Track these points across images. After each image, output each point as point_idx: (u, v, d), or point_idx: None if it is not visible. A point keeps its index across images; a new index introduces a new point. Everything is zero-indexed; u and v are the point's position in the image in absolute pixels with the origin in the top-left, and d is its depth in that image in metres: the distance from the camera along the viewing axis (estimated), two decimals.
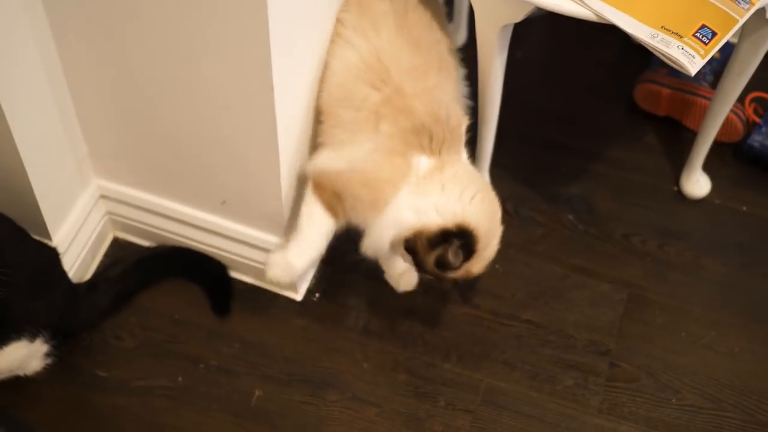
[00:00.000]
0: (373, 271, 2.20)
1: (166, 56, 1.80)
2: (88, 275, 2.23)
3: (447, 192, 1.86)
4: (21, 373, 2.02)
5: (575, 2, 1.77)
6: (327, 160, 1.92)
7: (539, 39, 2.68)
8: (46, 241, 2.08)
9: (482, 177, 2.17)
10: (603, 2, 1.75)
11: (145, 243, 2.29)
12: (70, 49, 1.88)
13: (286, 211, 2.04)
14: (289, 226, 2.06)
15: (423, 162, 1.87)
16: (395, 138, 1.86)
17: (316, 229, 1.95)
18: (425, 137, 1.86)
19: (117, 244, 2.31)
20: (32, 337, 1.95)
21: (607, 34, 1.91)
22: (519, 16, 1.89)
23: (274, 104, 1.78)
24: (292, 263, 1.97)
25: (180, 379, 2.09)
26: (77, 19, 1.81)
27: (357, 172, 1.87)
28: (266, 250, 2.10)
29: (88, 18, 1.80)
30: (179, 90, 1.87)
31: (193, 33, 1.73)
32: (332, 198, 1.90)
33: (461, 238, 1.84)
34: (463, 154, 1.96)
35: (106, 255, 2.29)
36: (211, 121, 1.90)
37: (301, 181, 2.02)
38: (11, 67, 1.78)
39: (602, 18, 1.75)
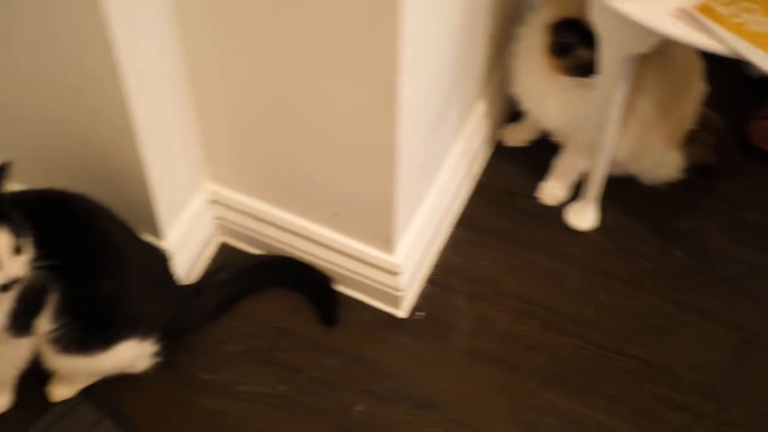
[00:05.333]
0: (477, 293, 2.18)
1: (292, 70, 1.81)
2: (193, 278, 2.24)
3: None
4: (130, 370, 2.04)
5: (704, 34, 1.73)
6: None
7: None
8: (157, 242, 2.09)
9: None
10: (732, 34, 1.71)
11: (251, 249, 2.30)
12: (198, 56, 1.90)
13: (397, 229, 2.03)
14: (398, 242, 2.06)
15: None
16: None
17: None
18: None
19: (223, 249, 2.32)
20: (143, 337, 1.97)
21: (718, 67, 1.89)
22: (644, 47, 1.87)
23: (397, 124, 1.78)
24: None
25: (281, 387, 2.10)
26: (207, 27, 1.82)
27: None
28: (373, 266, 2.11)
29: (218, 27, 1.81)
30: (301, 103, 1.87)
31: (320, 47, 1.73)
32: None
33: None
34: None
35: (213, 259, 2.30)
36: (331, 135, 1.90)
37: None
38: (143, 70, 1.80)
39: (734, 51, 1.72)
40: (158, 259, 2.03)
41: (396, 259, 2.09)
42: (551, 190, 2.38)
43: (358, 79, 1.74)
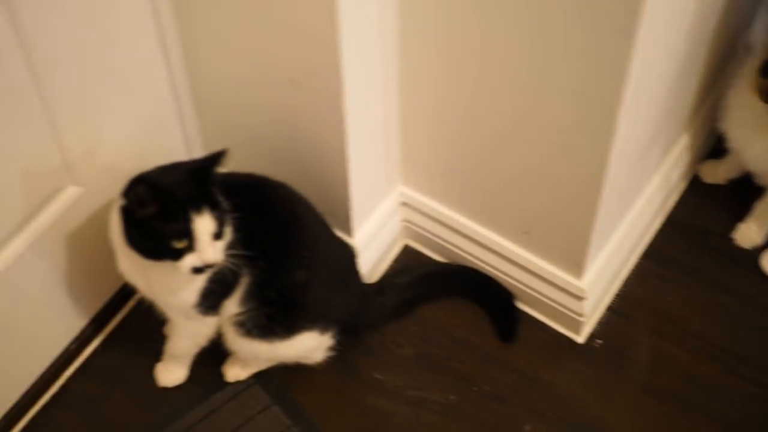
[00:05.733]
0: (659, 328, 2.16)
1: (507, 85, 1.81)
2: (375, 278, 2.26)
3: None
4: (304, 361, 2.07)
5: None
6: None
7: None
8: (346, 238, 2.10)
9: None
10: None
11: (434, 255, 2.31)
12: (412, 57, 1.91)
13: (589, 255, 2.00)
14: (588, 267, 2.04)
15: None
16: None
17: None
18: None
19: (406, 252, 2.34)
20: (323, 330, 1.99)
21: None
22: None
23: (610, 150, 1.76)
24: None
25: (452, 397, 2.10)
26: (427, 30, 1.83)
27: None
28: (559, 288, 2.09)
29: (438, 32, 1.82)
30: (508, 118, 1.87)
31: (544, 66, 1.73)
32: None
33: None
34: None
35: (395, 260, 2.31)
36: (536, 153, 1.90)
37: None
38: (361, 65, 1.82)
39: None
40: (347, 256, 2.06)
41: (583, 284, 2.06)
42: (748, 233, 2.32)
43: (578, 103, 1.73)
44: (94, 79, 1.84)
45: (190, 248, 1.69)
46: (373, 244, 2.20)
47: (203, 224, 1.67)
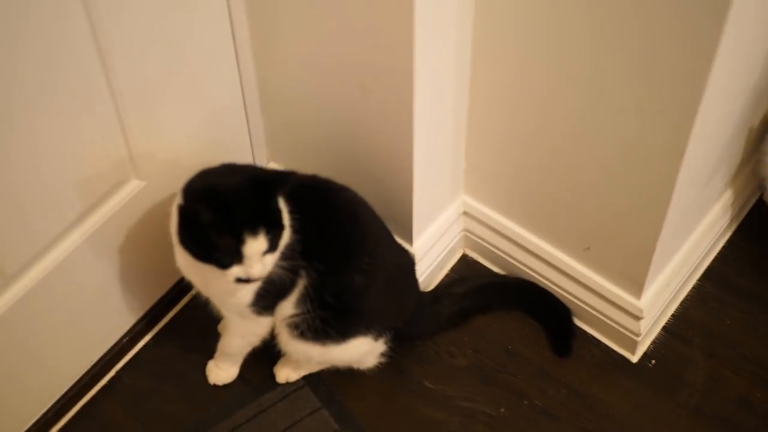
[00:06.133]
0: (715, 351, 2.15)
1: (578, 100, 1.79)
2: (432, 286, 2.25)
3: None
4: (356, 366, 2.06)
5: None
6: None
7: None
8: (406, 245, 2.09)
9: None
10: None
11: (491, 266, 2.29)
12: (483, 66, 1.91)
13: (649, 274, 1.98)
14: (647, 287, 2.02)
15: None
16: None
17: None
18: None
19: (464, 261, 2.33)
20: (377, 336, 1.98)
21: None
22: None
23: (679, 171, 1.74)
24: None
25: (502, 410, 2.08)
26: (501, 39, 1.83)
27: None
28: (616, 306, 2.07)
29: (512, 42, 1.81)
30: (577, 133, 1.86)
31: (615, 85, 1.72)
32: None
33: None
34: None
35: (452, 270, 2.30)
36: (604, 170, 1.88)
37: None
38: (432, 71, 1.81)
39: None
40: (406, 263, 2.05)
41: (641, 303, 2.05)
42: None
43: (648, 121, 1.72)
44: (164, 73, 1.84)
45: (238, 261, 1.67)
46: (431, 253, 2.19)
47: (255, 245, 1.65)
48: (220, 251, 1.66)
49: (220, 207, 1.64)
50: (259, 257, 1.67)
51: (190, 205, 1.68)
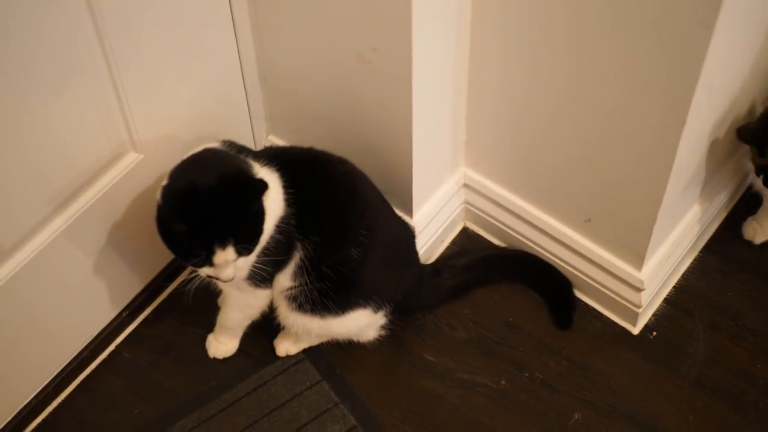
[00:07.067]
0: (717, 323, 2.14)
1: (579, 72, 1.78)
2: (432, 258, 2.24)
3: None
4: (356, 339, 2.06)
5: None
6: None
7: None
8: (406, 218, 2.09)
9: None
10: None
11: (492, 238, 2.28)
12: (481, 38, 1.89)
13: (650, 246, 1.97)
14: (648, 258, 2.01)
15: None
16: None
17: None
18: None
19: (465, 234, 2.32)
20: (377, 308, 1.98)
21: None
22: None
23: (680, 141, 1.73)
24: None
25: (503, 382, 2.08)
26: (498, 16, 1.82)
27: None
28: (617, 278, 2.06)
29: (509, 17, 1.80)
30: (578, 104, 1.84)
31: (619, 56, 1.70)
32: None
33: None
34: None
35: (453, 242, 2.29)
36: (605, 141, 1.87)
37: None
38: (432, 40, 1.81)
39: None
40: (405, 235, 2.04)
41: (642, 275, 2.04)
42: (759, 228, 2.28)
43: (649, 90, 1.71)
44: (162, 47, 1.83)
45: (209, 264, 1.72)
46: (431, 225, 2.19)
47: (224, 255, 1.70)
48: (190, 253, 1.70)
49: (193, 219, 1.67)
50: (228, 263, 1.71)
51: (166, 212, 1.70)
